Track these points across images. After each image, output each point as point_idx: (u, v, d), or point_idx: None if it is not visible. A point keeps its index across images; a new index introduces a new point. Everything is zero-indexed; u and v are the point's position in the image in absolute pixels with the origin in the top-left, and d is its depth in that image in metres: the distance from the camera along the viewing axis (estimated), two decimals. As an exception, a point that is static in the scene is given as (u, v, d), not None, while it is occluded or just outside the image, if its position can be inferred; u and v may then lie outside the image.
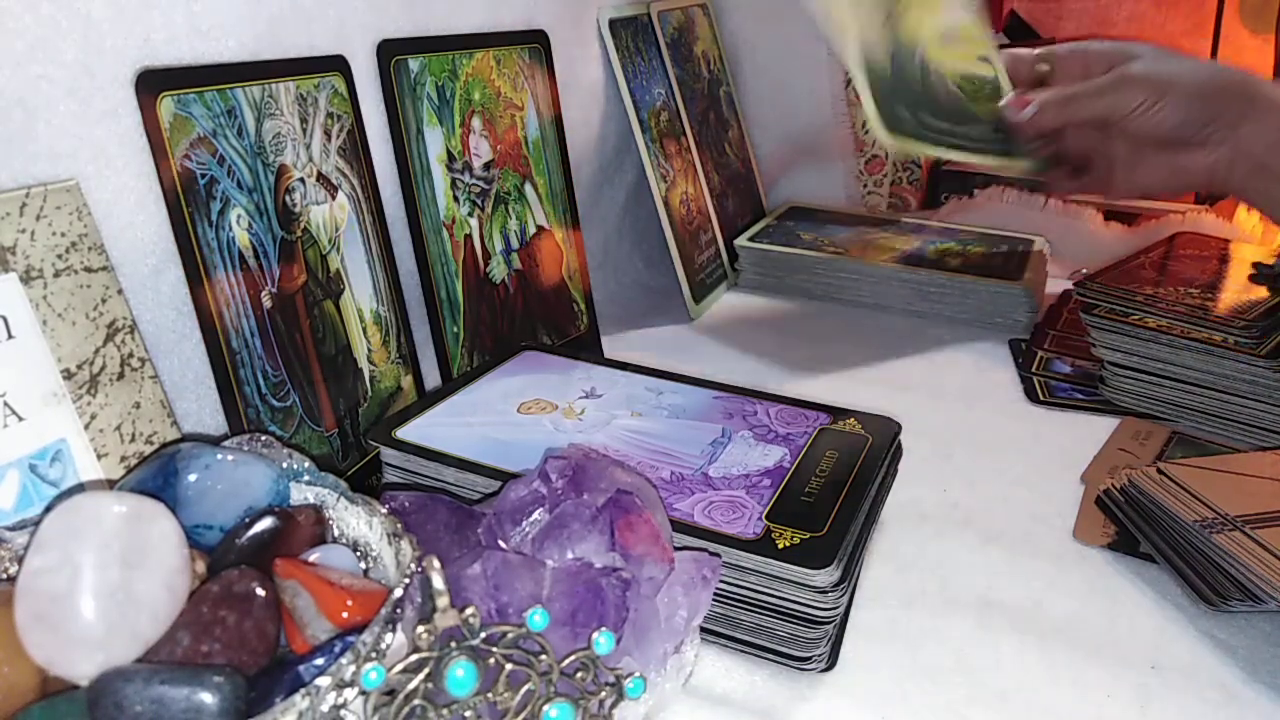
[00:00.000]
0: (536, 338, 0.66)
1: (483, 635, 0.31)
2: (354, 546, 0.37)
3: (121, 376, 0.40)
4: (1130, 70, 0.63)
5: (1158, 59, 0.64)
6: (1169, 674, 0.41)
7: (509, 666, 0.31)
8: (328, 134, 0.51)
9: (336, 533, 0.37)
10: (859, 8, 0.67)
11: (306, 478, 0.38)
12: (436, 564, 0.31)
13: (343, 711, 0.28)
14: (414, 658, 0.30)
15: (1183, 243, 0.77)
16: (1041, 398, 0.65)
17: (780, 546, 0.40)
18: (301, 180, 0.49)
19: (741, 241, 0.85)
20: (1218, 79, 0.62)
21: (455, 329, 0.60)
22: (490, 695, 0.31)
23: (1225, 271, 0.71)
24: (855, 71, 0.66)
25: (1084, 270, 0.71)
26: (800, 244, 0.84)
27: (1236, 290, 0.66)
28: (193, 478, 0.35)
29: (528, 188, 0.66)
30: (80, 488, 0.38)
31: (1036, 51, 0.71)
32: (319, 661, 0.30)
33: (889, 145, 0.68)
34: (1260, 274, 0.68)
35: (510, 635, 0.31)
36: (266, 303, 0.47)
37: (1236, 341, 0.58)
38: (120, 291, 0.40)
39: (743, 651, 0.42)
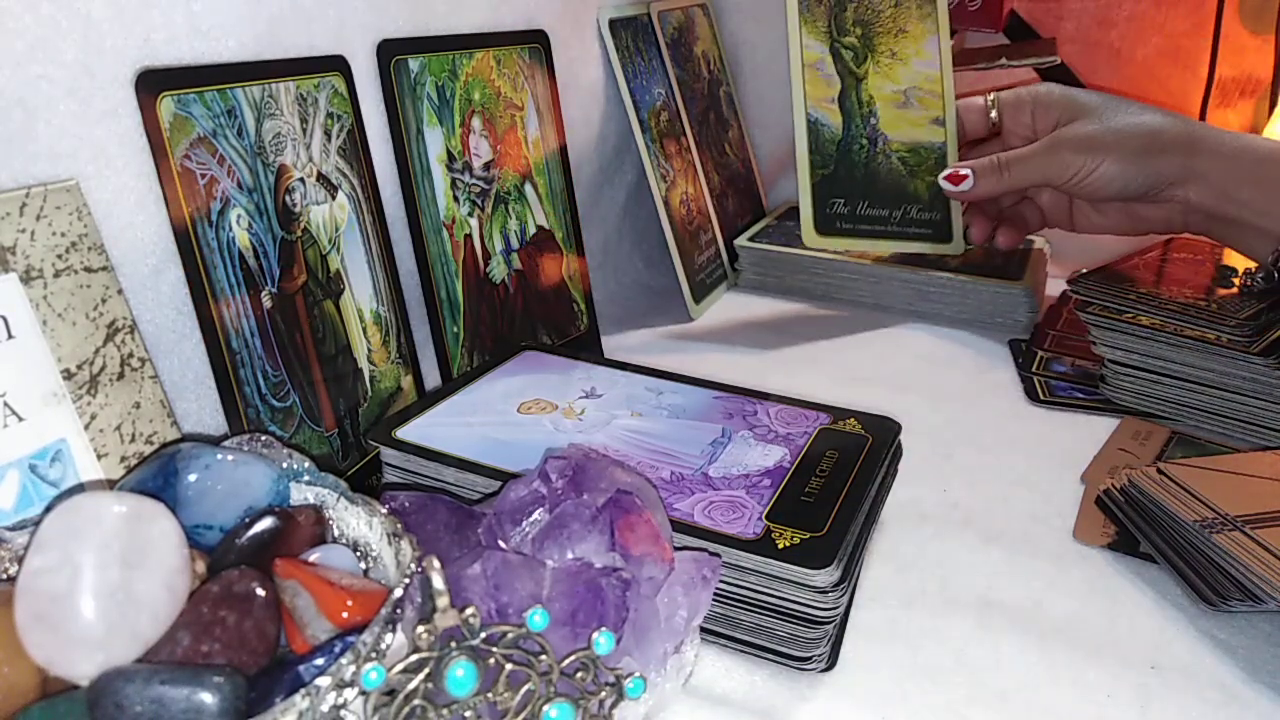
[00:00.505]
0: (536, 338, 0.66)
1: (483, 635, 0.31)
2: (354, 546, 0.37)
3: (121, 376, 0.40)
4: (1065, 135, 0.64)
5: (1099, 117, 0.64)
6: (1169, 674, 0.41)
7: (509, 666, 0.31)
8: (328, 134, 0.51)
9: (336, 533, 0.37)
10: (818, 78, 0.69)
11: (306, 478, 0.38)
12: (436, 564, 0.31)
13: (343, 711, 0.28)
14: (414, 658, 0.30)
15: (1178, 246, 0.77)
16: (1041, 398, 0.65)
17: (780, 546, 0.40)
18: (301, 180, 0.49)
19: (741, 241, 0.85)
20: (1156, 137, 0.61)
21: (455, 329, 0.60)
22: (490, 695, 0.31)
23: (1221, 274, 0.71)
24: (800, 169, 0.68)
25: (1083, 270, 0.71)
26: (800, 244, 0.84)
27: (1230, 290, 0.66)
28: (193, 478, 0.35)
29: (528, 188, 0.66)
30: (80, 488, 0.38)
31: (989, 98, 0.71)
32: (319, 661, 0.30)
33: (813, 245, 0.71)
34: (1249, 286, 0.67)
35: (510, 635, 0.31)
36: (266, 303, 0.47)
37: (1230, 339, 0.58)
38: (120, 291, 0.40)
39: (743, 651, 0.42)
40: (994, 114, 0.71)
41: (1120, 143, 0.62)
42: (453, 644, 0.31)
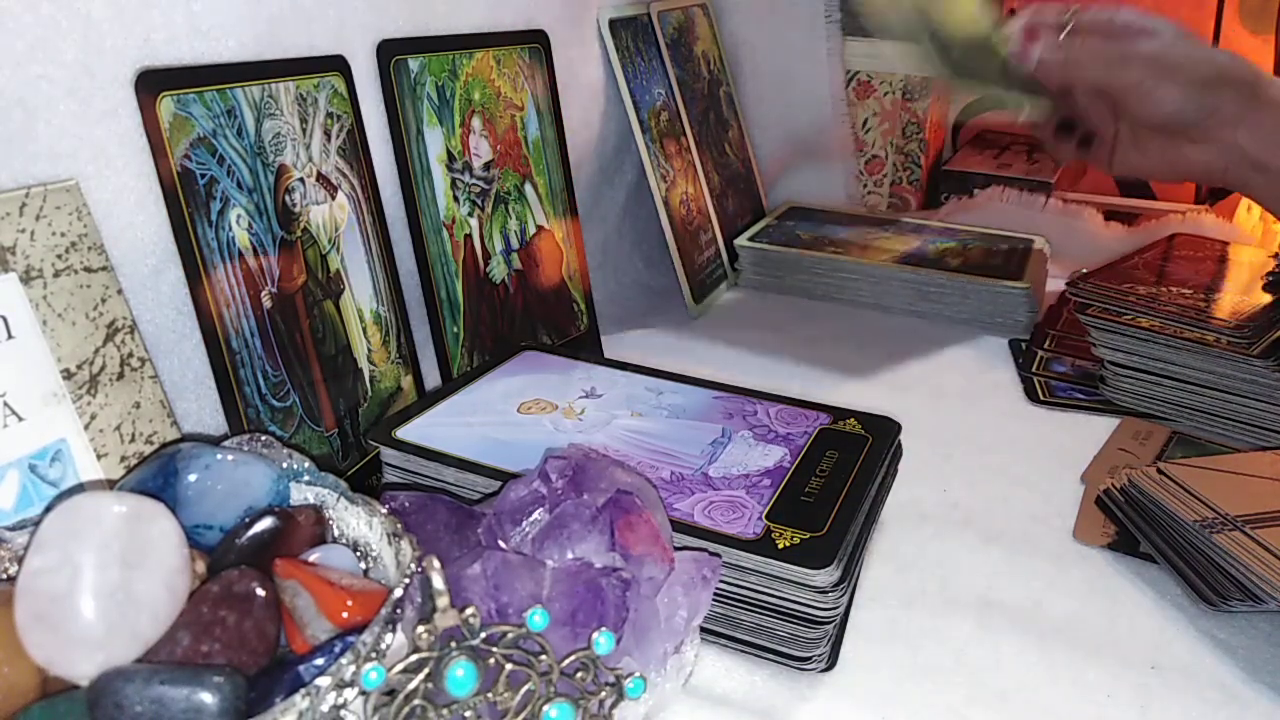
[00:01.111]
0: (536, 338, 0.66)
1: (483, 635, 0.31)
2: (354, 546, 0.37)
3: (121, 376, 0.40)
4: (1137, 47, 0.62)
5: (1172, 42, 0.63)
6: (1169, 674, 0.41)
7: (509, 666, 0.31)
8: (328, 134, 0.51)
9: (336, 533, 0.37)
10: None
11: (306, 478, 0.38)
12: (436, 564, 0.31)
13: (343, 711, 0.28)
14: (414, 658, 0.30)
15: (1180, 244, 0.78)
16: (1041, 398, 0.65)
17: (780, 546, 0.40)
18: (301, 180, 0.49)
19: (741, 241, 0.85)
20: (1222, 72, 0.61)
21: (455, 329, 0.60)
22: (490, 695, 0.31)
23: (1222, 273, 0.71)
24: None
25: (1083, 270, 0.71)
26: (800, 244, 0.84)
27: (1233, 292, 0.66)
28: (193, 478, 0.35)
29: (528, 188, 0.66)
30: (80, 488, 0.38)
31: (1065, 16, 0.69)
32: (319, 661, 0.30)
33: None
34: (1272, 284, 0.67)
35: (510, 635, 0.31)
36: (266, 303, 0.47)
37: (1230, 341, 0.58)
38: (120, 291, 0.40)
39: (743, 651, 0.42)
40: (1069, 31, 0.69)
41: (1186, 68, 0.61)
42: (453, 644, 0.31)
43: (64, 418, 0.38)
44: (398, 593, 0.31)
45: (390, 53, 0.55)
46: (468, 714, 0.30)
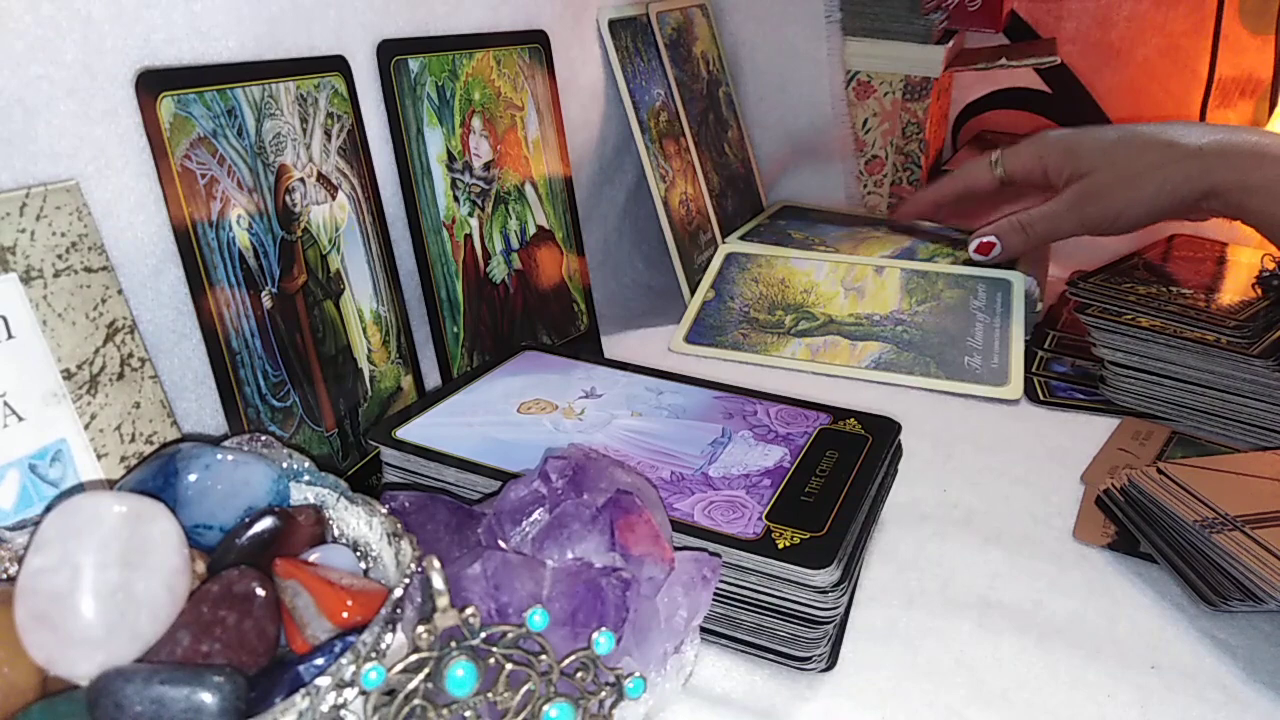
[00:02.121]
0: (536, 338, 0.66)
1: (483, 635, 0.31)
2: (354, 546, 0.37)
3: (121, 376, 0.40)
4: (1084, 190, 0.65)
5: (1110, 163, 0.65)
6: (1169, 674, 0.41)
7: (509, 666, 0.31)
8: (328, 134, 0.51)
9: (336, 533, 0.37)
10: None
11: (306, 478, 0.38)
12: (436, 564, 0.31)
13: (343, 711, 0.28)
14: (414, 658, 0.30)
15: (1179, 244, 0.78)
16: (1041, 398, 0.65)
17: (780, 546, 0.40)
18: (301, 180, 0.49)
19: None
20: (1170, 173, 0.63)
21: (455, 329, 0.60)
22: (490, 695, 0.31)
23: (1222, 273, 0.71)
24: None
25: (1084, 271, 0.71)
26: (792, 243, 0.84)
27: (1232, 292, 0.66)
28: (193, 478, 0.35)
29: (528, 188, 0.66)
30: (80, 488, 0.38)
31: (992, 158, 0.72)
32: (319, 661, 0.30)
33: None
34: (1265, 283, 0.68)
35: (510, 635, 0.31)
36: (266, 303, 0.47)
37: (1229, 341, 0.58)
38: (120, 291, 0.40)
39: (743, 651, 0.42)
40: (999, 169, 0.72)
41: (1138, 183, 0.64)
42: (453, 644, 0.31)
43: (64, 418, 0.38)
44: (398, 593, 0.31)
45: (390, 53, 0.55)
46: (468, 714, 0.30)
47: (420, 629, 0.30)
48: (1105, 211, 0.65)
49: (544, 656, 0.32)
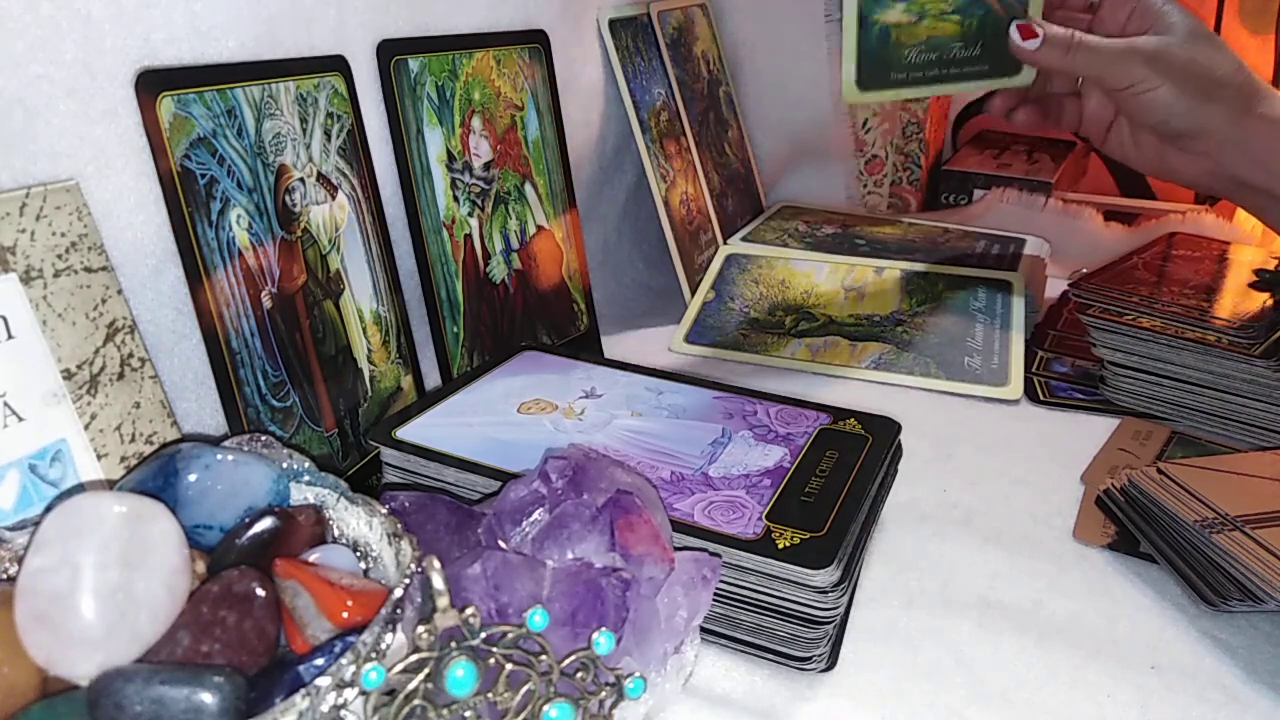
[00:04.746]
0: (536, 338, 0.66)
1: (483, 635, 0.31)
2: (354, 546, 0.37)
3: (121, 376, 0.40)
4: (1141, 44, 0.61)
5: (1180, 41, 0.61)
6: (1169, 674, 0.41)
7: (509, 666, 0.31)
8: (328, 134, 0.51)
9: (336, 533, 0.37)
10: None
11: (306, 478, 0.38)
12: (436, 564, 0.31)
13: (343, 712, 0.28)
14: (414, 658, 0.30)
15: (1179, 243, 0.78)
16: (1041, 398, 0.65)
17: (780, 546, 0.40)
18: (301, 180, 0.49)
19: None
20: (1219, 86, 0.59)
21: (455, 329, 0.60)
22: (490, 695, 0.31)
23: (1222, 273, 0.71)
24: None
25: (1083, 270, 0.71)
26: (794, 243, 0.84)
27: (1233, 292, 0.66)
28: (193, 478, 0.35)
29: (528, 188, 0.66)
30: (80, 488, 0.38)
31: None
32: (319, 661, 0.30)
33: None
34: (1262, 281, 0.68)
35: (510, 635, 0.31)
36: (266, 303, 0.47)
37: (1231, 341, 0.58)
38: (120, 291, 0.40)
39: (743, 651, 0.42)
40: None
41: (1186, 75, 0.60)
42: (453, 644, 0.31)
43: (64, 418, 0.38)
44: (398, 593, 0.31)
45: (390, 53, 0.55)
46: (468, 714, 0.30)
47: (420, 629, 0.30)
48: (1146, 76, 0.60)
49: (544, 656, 0.32)
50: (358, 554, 0.37)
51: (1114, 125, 0.66)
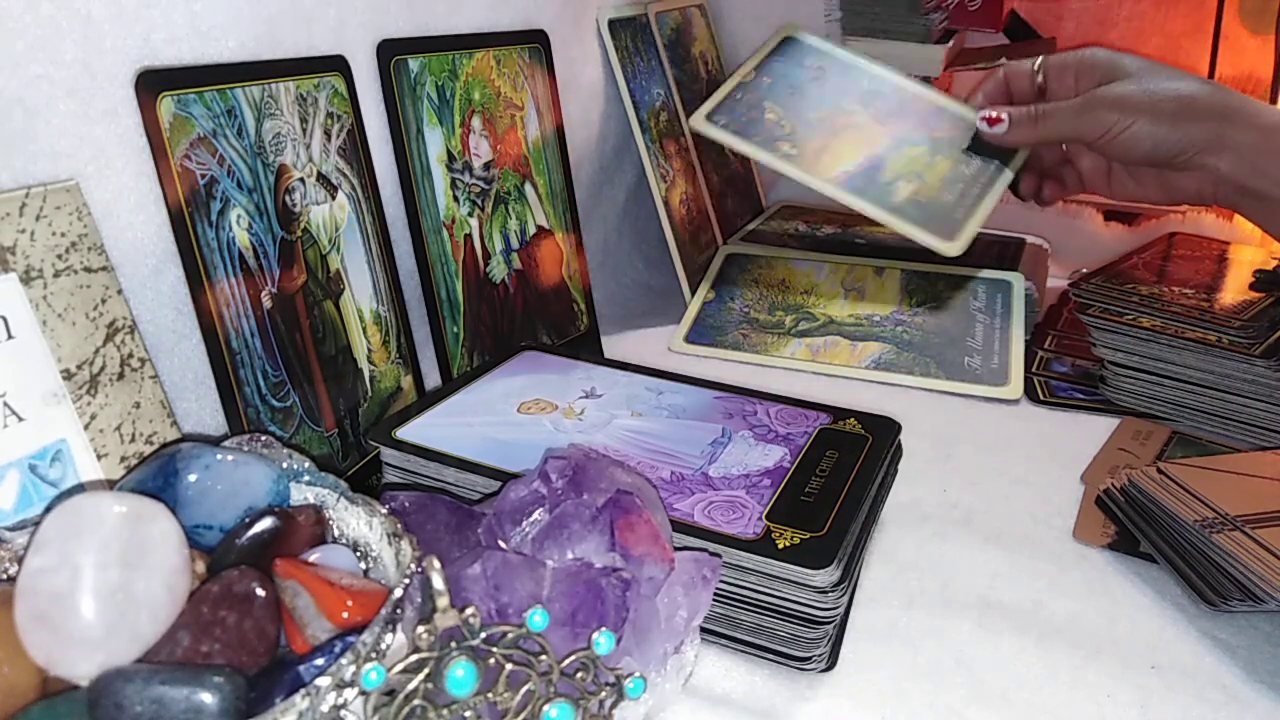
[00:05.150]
0: (536, 338, 0.66)
1: (483, 635, 0.31)
2: (354, 546, 0.37)
3: (121, 376, 0.40)
4: (1100, 93, 0.63)
5: (1140, 78, 0.63)
6: (1169, 674, 0.41)
7: (509, 666, 0.31)
8: (328, 134, 0.51)
9: (336, 533, 0.37)
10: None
11: (306, 478, 0.38)
12: (436, 564, 0.31)
13: (343, 711, 0.28)
14: (414, 658, 0.30)
15: (1179, 243, 0.78)
16: (1041, 398, 0.65)
17: (780, 546, 0.40)
18: (301, 180, 0.49)
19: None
20: (1191, 103, 0.61)
21: (455, 329, 0.60)
22: (490, 695, 0.31)
23: (1222, 273, 0.71)
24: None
25: (1083, 270, 0.71)
26: (795, 245, 0.84)
27: (1233, 292, 0.66)
28: (193, 478, 0.35)
29: (528, 188, 0.66)
30: (80, 488, 0.38)
31: (1035, 63, 0.71)
32: (319, 661, 0.30)
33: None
34: (1261, 281, 0.68)
35: (510, 635, 0.31)
36: (266, 303, 0.47)
37: (1232, 341, 0.58)
38: (120, 291, 0.40)
39: (743, 651, 0.42)
40: (1040, 78, 0.70)
41: (1154, 104, 0.61)
42: (453, 644, 0.31)
43: (64, 418, 0.38)
44: (398, 593, 0.31)
45: (390, 53, 0.55)
46: (468, 714, 0.30)
47: (420, 629, 0.30)
48: (1114, 119, 0.62)
49: (544, 656, 0.32)
50: (358, 554, 0.37)
51: (1112, 172, 0.69)
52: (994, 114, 0.68)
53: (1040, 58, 0.70)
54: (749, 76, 0.71)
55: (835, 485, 0.44)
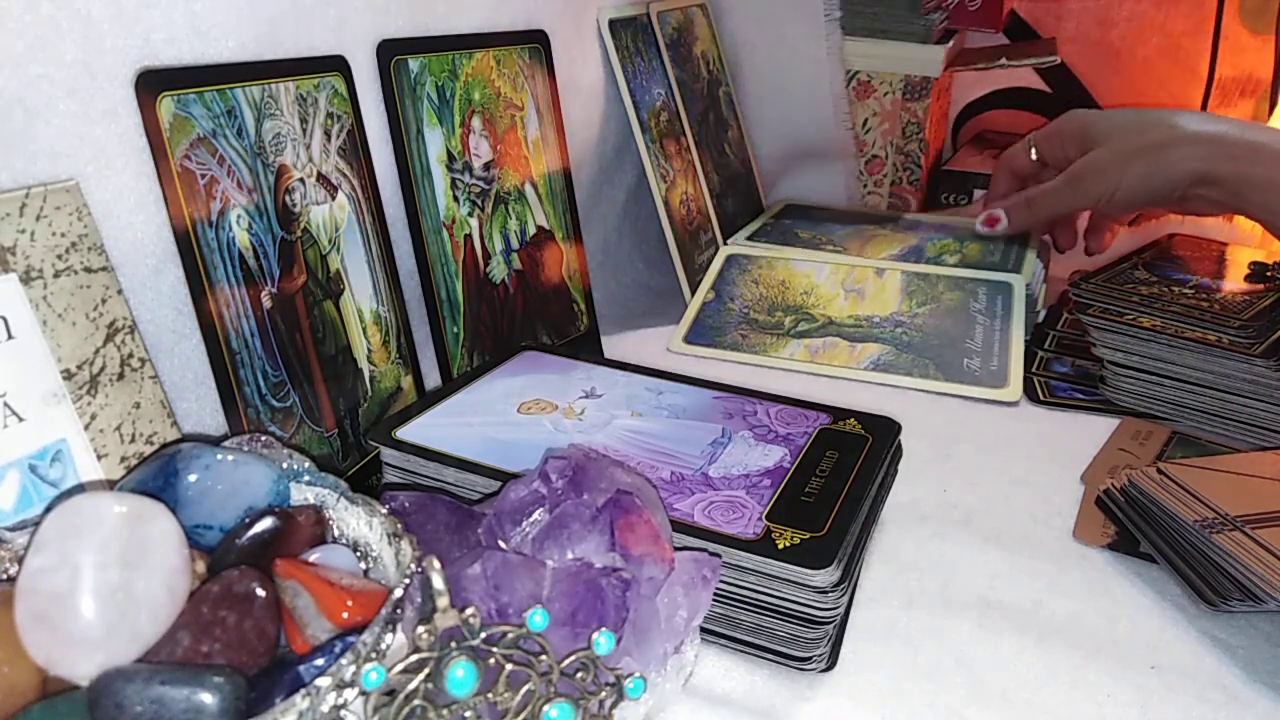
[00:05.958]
0: (536, 338, 0.66)
1: (483, 635, 0.31)
2: (354, 546, 0.37)
3: (121, 377, 0.40)
4: (1082, 165, 0.67)
5: (1111, 140, 0.67)
6: (1169, 674, 0.41)
7: (509, 667, 0.31)
8: (328, 134, 0.51)
9: (336, 533, 0.37)
10: None
11: (306, 478, 0.38)
12: (436, 564, 0.31)
13: (343, 712, 0.28)
14: (414, 658, 0.30)
15: (1178, 243, 0.78)
16: (1041, 398, 0.65)
17: (780, 546, 0.40)
18: (301, 180, 0.49)
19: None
20: (1167, 153, 0.64)
21: (455, 329, 0.60)
22: (490, 695, 0.31)
23: (1222, 273, 0.71)
24: None
25: (1084, 271, 0.71)
26: (799, 243, 0.84)
27: (1232, 291, 0.66)
28: (193, 478, 0.35)
29: (528, 188, 0.66)
30: (80, 488, 0.38)
31: (1028, 139, 0.76)
32: (319, 662, 0.30)
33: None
34: (1255, 273, 0.68)
35: (510, 635, 0.31)
36: (266, 303, 0.47)
37: (1231, 340, 0.58)
38: (120, 291, 0.40)
39: (743, 651, 0.42)
40: (1033, 153, 0.75)
41: (1135, 161, 0.65)
42: (453, 644, 0.31)
43: (64, 418, 0.38)
44: (398, 593, 0.31)
45: (390, 53, 0.55)
46: (468, 714, 0.30)
47: (420, 629, 0.30)
48: (1101, 187, 0.67)
49: (544, 657, 0.32)
50: (358, 554, 0.37)
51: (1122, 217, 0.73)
52: (989, 215, 0.75)
53: (1030, 135, 0.76)
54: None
55: (835, 485, 0.44)
